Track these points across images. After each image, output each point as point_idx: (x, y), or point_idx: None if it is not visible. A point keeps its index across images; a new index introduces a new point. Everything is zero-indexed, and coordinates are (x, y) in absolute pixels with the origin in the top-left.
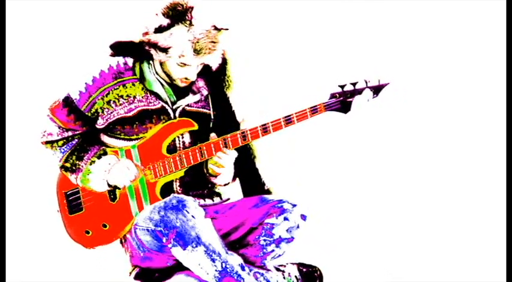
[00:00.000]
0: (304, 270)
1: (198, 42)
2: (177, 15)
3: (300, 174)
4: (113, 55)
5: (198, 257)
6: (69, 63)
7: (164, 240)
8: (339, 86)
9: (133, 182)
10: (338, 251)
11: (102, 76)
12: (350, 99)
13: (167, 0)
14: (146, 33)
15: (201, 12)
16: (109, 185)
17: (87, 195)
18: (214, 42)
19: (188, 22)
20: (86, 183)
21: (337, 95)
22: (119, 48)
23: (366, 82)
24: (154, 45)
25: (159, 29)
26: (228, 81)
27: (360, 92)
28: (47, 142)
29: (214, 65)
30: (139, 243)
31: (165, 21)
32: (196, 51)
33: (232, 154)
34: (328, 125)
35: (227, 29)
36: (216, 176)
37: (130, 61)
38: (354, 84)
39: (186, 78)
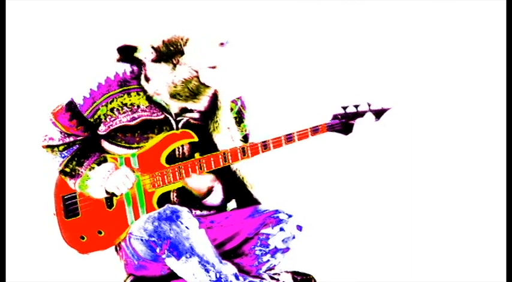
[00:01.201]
0: (298, 278)
1: (175, 87)
2: (167, 54)
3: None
4: (119, 60)
5: (192, 267)
6: (71, 65)
7: (158, 250)
8: (341, 107)
9: (131, 190)
10: (332, 259)
11: (107, 83)
12: (352, 122)
13: (167, 34)
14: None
15: (193, 57)
16: (107, 192)
17: (84, 201)
18: (193, 94)
19: (172, 65)
20: (84, 189)
21: (340, 116)
22: (126, 53)
23: (369, 105)
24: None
25: (152, 60)
26: (215, 126)
27: (362, 114)
28: (47, 146)
29: (201, 108)
30: (133, 252)
31: (153, 55)
32: (171, 95)
33: (207, 177)
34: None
35: (210, 87)
36: (202, 197)
37: (137, 69)
38: (356, 106)
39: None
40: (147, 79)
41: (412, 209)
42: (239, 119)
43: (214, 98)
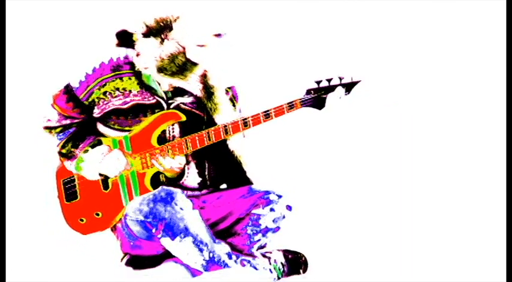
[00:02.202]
0: (289, 256)
1: (162, 61)
2: (156, 30)
3: (287, 169)
4: (118, 45)
5: (186, 247)
6: (69, 59)
7: (154, 231)
8: (315, 81)
9: (124, 172)
10: (322, 238)
11: (101, 67)
12: (324, 96)
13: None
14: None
15: (181, 34)
16: (100, 174)
17: (82, 184)
18: (180, 69)
19: (161, 39)
20: (79, 170)
21: (312, 91)
22: (124, 38)
23: (340, 79)
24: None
25: (143, 34)
26: (213, 108)
27: (333, 89)
28: (46, 127)
29: (195, 91)
30: (129, 232)
31: (143, 30)
32: (158, 69)
33: (179, 159)
34: (317, 121)
35: (197, 64)
36: (178, 180)
37: (131, 55)
38: (329, 80)
39: (171, 86)
40: (137, 54)
41: (411, 207)
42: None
43: (206, 80)
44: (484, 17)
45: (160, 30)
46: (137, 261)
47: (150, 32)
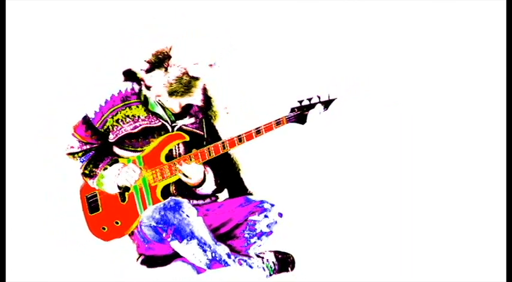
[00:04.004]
0: (279, 256)
1: (171, 85)
2: (157, 62)
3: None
4: (125, 80)
5: (192, 248)
6: (69, 59)
7: (164, 235)
8: (298, 101)
9: (138, 182)
10: (310, 241)
11: (112, 99)
12: (306, 113)
13: (155, 47)
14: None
15: (179, 59)
16: (119, 187)
17: (103, 198)
18: (187, 88)
19: (164, 69)
20: (100, 186)
21: (296, 109)
22: (130, 75)
23: (319, 97)
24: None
25: (146, 71)
26: (213, 115)
27: (313, 106)
28: (69, 154)
29: (198, 103)
30: (144, 236)
31: (147, 66)
32: (170, 94)
33: (195, 166)
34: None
35: (199, 78)
36: (196, 188)
37: (136, 87)
38: (309, 99)
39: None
40: (148, 88)
41: (408, 206)
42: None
43: (205, 92)
44: (484, 17)
45: (161, 61)
46: (151, 261)
47: (153, 66)
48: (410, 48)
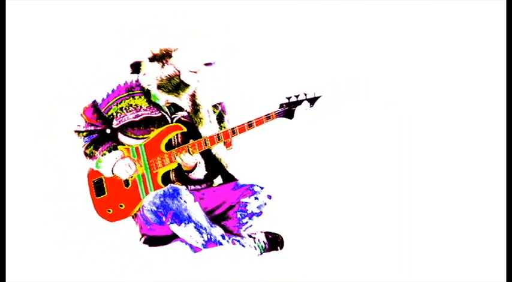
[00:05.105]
0: (270, 236)
1: (161, 81)
2: (159, 56)
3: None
4: (132, 72)
5: (190, 230)
6: (69, 59)
7: (164, 219)
8: (286, 97)
9: (132, 176)
10: (298, 221)
11: (118, 88)
12: (293, 109)
13: (163, 44)
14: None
15: (178, 61)
16: (113, 173)
17: (109, 182)
18: (175, 88)
19: (162, 64)
20: (98, 168)
21: (284, 105)
22: (136, 67)
23: (305, 95)
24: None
25: (149, 59)
26: (198, 121)
27: (300, 103)
28: (75, 131)
29: (185, 107)
30: (146, 219)
31: (150, 55)
32: (158, 87)
33: (191, 156)
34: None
35: (189, 86)
36: (189, 173)
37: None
38: (296, 96)
39: (167, 101)
40: (143, 74)
41: (408, 206)
42: (220, 118)
43: (194, 99)
44: (484, 17)
45: (162, 56)
46: (152, 241)
47: (154, 58)
48: (410, 48)
